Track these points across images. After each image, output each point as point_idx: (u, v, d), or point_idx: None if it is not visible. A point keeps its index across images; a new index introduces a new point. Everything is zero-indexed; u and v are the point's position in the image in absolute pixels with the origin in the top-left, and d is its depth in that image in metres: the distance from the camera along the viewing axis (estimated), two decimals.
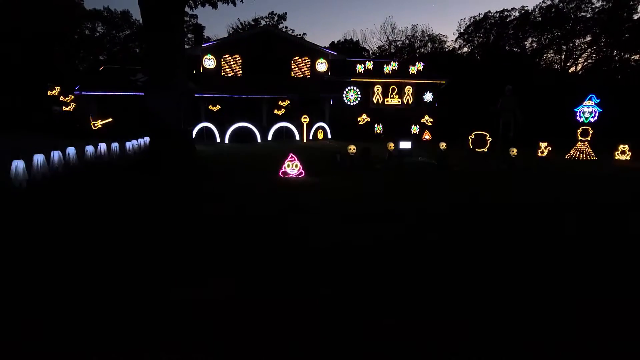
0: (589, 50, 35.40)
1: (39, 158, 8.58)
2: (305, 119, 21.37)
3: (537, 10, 36.01)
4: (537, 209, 6.64)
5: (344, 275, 3.80)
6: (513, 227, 5.59)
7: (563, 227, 5.62)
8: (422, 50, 42.12)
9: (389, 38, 43.93)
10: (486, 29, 39.13)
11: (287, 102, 22.88)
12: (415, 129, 24.83)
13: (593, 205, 7.05)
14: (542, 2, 35.38)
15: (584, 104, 14.95)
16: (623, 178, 10.38)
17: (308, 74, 24.09)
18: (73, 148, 10.73)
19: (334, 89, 24.12)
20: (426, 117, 25.45)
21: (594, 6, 33.17)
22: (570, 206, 6.96)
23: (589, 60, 35.98)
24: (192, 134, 13.12)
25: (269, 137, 21.36)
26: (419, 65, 25.59)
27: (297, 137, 21.63)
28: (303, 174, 9.65)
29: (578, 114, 15.03)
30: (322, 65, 24.08)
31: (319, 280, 3.71)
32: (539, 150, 15.20)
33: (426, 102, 25.67)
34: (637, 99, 26.90)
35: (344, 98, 24.84)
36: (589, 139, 14.63)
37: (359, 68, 24.78)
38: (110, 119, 22.34)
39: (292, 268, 3.99)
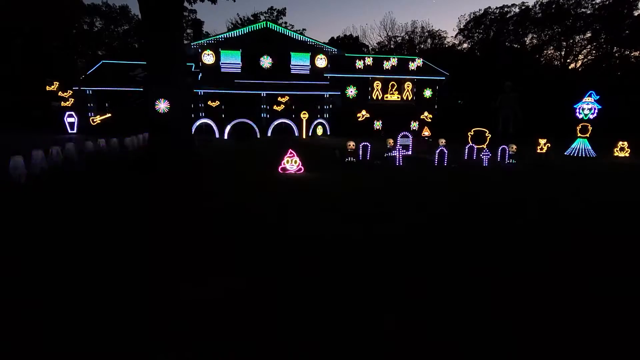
0: (589, 46, 35.30)
1: (37, 154, 8.61)
2: (304, 115, 21.35)
3: (537, 6, 35.86)
4: (535, 208, 6.66)
5: (339, 271, 3.82)
6: (510, 225, 5.60)
7: (563, 227, 5.64)
8: (422, 46, 41.99)
9: (389, 34, 43.80)
10: (486, 25, 38.98)
11: (287, 98, 22.84)
12: (414, 125, 24.80)
13: (592, 203, 7.08)
14: None
15: (584, 100, 14.92)
16: (622, 175, 10.38)
17: (307, 69, 24.01)
18: (72, 143, 10.73)
19: (333, 84, 24.06)
20: (425, 113, 25.42)
21: (594, 2, 33.04)
22: (573, 205, 6.98)
23: (589, 57, 35.89)
24: (191, 129, 13.11)
25: (269, 133, 21.34)
26: (419, 61, 25.53)
27: (297, 133, 21.62)
28: (302, 170, 9.64)
29: (577, 110, 15.01)
30: (321, 61, 24.00)
31: (315, 275, 3.73)
32: (538, 147, 15.19)
33: (426, 98, 25.63)
34: (637, 96, 26.88)
35: (344, 94, 24.80)
36: (588, 135, 14.62)
37: (359, 64, 24.71)
38: (109, 115, 22.31)
39: (290, 265, 4.01)
